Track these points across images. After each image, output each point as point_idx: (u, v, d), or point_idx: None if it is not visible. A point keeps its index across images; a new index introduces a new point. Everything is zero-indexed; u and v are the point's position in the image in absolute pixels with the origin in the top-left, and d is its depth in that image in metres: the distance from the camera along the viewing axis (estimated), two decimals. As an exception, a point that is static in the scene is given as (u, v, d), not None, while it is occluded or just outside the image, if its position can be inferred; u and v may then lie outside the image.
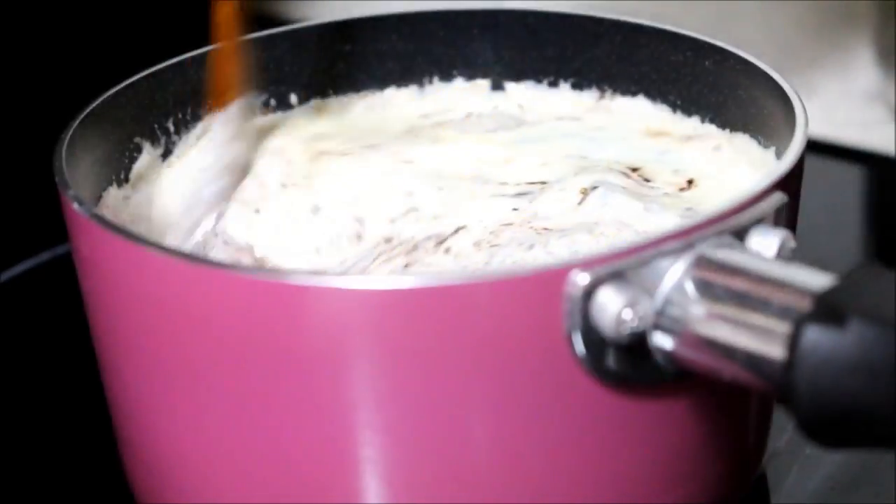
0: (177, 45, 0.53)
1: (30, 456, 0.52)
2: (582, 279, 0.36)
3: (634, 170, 0.49)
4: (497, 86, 0.57)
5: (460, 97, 0.57)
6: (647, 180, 0.49)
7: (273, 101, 0.55)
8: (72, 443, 0.52)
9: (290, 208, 0.49)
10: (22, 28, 0.74)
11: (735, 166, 0.49)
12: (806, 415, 0.33)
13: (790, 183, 0.40)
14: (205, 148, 0.52)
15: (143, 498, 0.45)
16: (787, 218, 0.40)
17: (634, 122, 0.53)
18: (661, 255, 0.37)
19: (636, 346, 0.37)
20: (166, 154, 0.52)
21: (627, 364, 0.37)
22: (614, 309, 0.36)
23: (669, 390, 0.39)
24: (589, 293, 0.36)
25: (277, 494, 0.40)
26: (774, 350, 0.34)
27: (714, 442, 0.41)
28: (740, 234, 0.38)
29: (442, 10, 0.57)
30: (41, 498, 0.50)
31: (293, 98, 0.56)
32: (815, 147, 0.70)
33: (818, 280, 0.34)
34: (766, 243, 0.38)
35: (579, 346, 0.37)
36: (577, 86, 0.55)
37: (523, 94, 0.56)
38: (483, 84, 0.57)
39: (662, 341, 0.37)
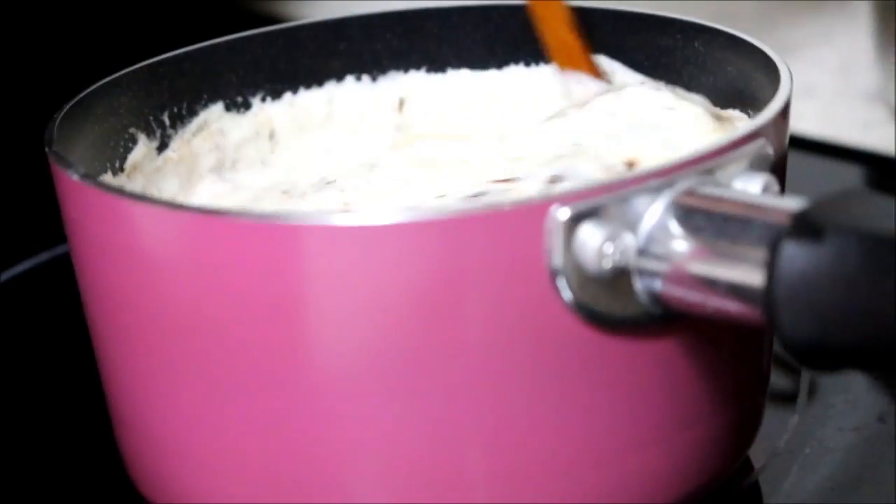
0: (175, 42, 0.54)
1: (30, 455, 0.52)
2: (562, 214, 0.36)
3: (631, 165, 0.49)
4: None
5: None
6: None
7: (269, 98, 0.56)
8: (72, 442, 0.52)
9: None
10: (24, 31, 0.75)
11: None
12: (789, 333, 0.33)
13: (772, 131, 0.40)
14: None
15: (145, 492, 0.45)
16: (773, 169, 0.40)
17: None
18: (642, 191, 0.37)
19: (621, 285, 0.37)
20: (162, 147, 0.52)
21: (612, 304, 0.37)
22: (595, 243, 0.36)
23: (656, 332, 0.39)
24: (570, 229, 0.36)
25: (273, 442, 0.40)
26: (755, 275, 0.34)
27: (705, 389, 0.41)
28: (722, 177, 0.38)
29: (435, 7, 0.57)
30: (41, 497, 0.50)
31: (287, 95, 0.56)
32: (816, 147, 0.71)
33: (796, 202, 0.34)
34: (748, 185, 0.38)
35: (563, 285, 0.37)
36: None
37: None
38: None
39: (646, 279, 0.37)
